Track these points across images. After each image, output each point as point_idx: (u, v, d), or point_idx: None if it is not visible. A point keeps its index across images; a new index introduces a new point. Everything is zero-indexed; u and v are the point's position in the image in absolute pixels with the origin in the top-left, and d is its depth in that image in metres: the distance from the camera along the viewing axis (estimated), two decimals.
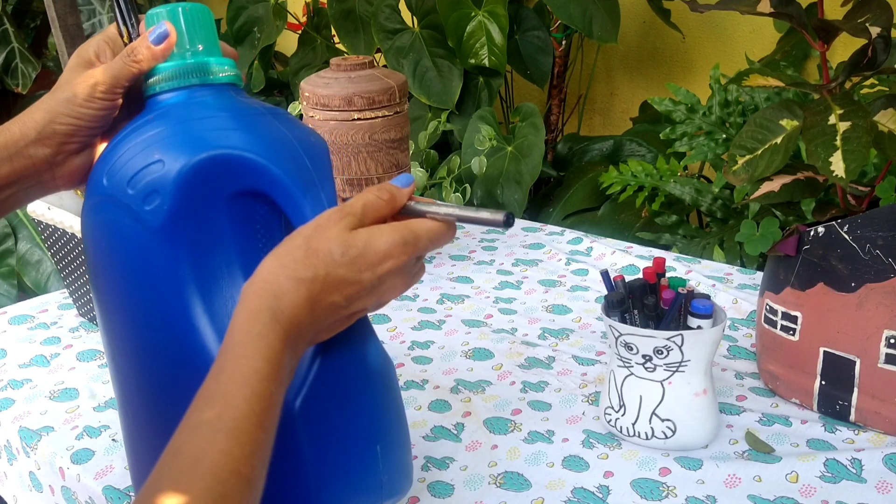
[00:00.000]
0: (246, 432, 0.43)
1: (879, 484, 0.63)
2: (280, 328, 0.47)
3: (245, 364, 0.45)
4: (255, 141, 0.51)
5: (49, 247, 0.98)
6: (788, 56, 1.81)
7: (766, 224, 1.17)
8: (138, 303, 0.53)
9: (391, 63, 2.05)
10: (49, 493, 0.76)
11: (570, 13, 1.84)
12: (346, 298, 0.50)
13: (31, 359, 0.91)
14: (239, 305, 0.48)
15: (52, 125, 0.53)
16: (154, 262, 0.51)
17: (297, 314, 0.47)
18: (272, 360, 0.46)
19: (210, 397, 0.44)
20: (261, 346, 0.46)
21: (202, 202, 0.51)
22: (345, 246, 0.49)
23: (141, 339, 0.54)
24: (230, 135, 0.51)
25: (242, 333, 0.46)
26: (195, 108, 0.53)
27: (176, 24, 0.54)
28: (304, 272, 0.48)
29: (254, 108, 0.54)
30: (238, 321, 0.47)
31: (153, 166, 0.50)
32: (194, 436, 0.43)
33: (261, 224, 0.53)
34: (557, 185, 2.02)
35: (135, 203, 0.51)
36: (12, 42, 2.56)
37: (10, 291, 1.92)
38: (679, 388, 0.66)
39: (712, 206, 1.52)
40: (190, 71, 0.54)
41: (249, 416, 0.43)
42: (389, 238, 0.50)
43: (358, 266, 0.49)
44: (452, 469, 0.68)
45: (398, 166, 1.07)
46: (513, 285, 1.05)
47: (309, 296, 0.48)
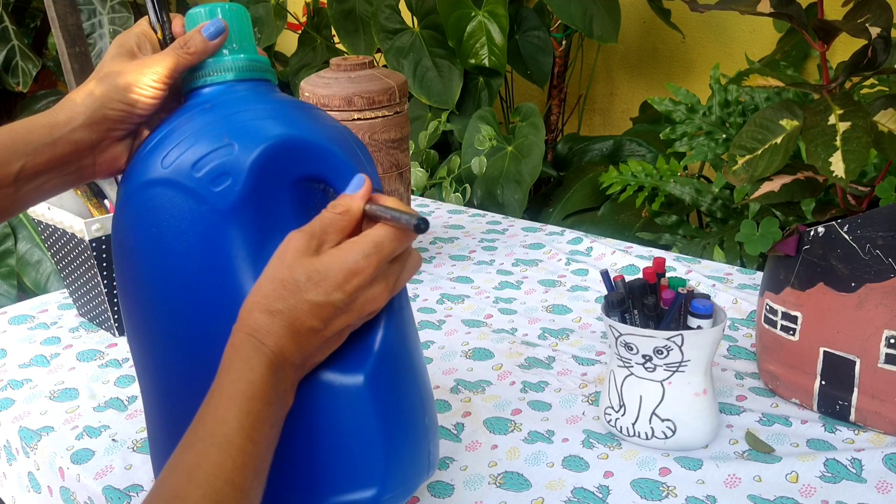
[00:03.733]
0: (236, 446, 0.46)
1: (879, 484, 0.63)
2: (263, 356, 0.49)
3: (231, 387, 0.48)
4: (318, 128, 0.54)
5: (49, 247, 0.98)
6: (788, 56, 1.81)
7: (766, 224, 1.17)
8: (195, 285, 0.53)
9: (391, 63, 2.05)
10: (48, 493, 0.76)
11: (571, 13, 1.84)
12: (323, 321, 0.51)
13: (31, 359, 0.91)
14: (227, 345, 0.51)
15: (103, 110, 0.54)
16: (220, 243, 0.52)
17: (279, 344, 0.50)
18: (256, 382, 0.48)
19: (203, 417, 0.47)
20: (244, 370, 0.48)
21: (271, 185, 0.53)
22: (308, 272, 0.50)
23: (193, 324, 0.54)
24: (295, 122, 0.54)
25: (228, 362, 0.49)
26: (242, 100, 0.55)
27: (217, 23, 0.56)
28: (275, 304, 0.50)
29: (296, 102, 0.57)
30: (226, 355, 0.50)
31: (223, 149, 0.52)
32: (190, 451, 0.46)
33: (315, 210, 0.54)
34: (557, 185, 2.02)
35: (201, 186, 0.52)
36: (12, 40, 2.56)
37: (10, 291, 1.92)
38: (679, 388, 0.66)
39: (712, 206, 1.52)
40: (231, 67, 0.56)
41: (239, 431, 0.46)
42: (349, 256, 0.50)
43: (325, 289, 0.50)
44: (452, 469, 0.68)
45: (398, 166, 1.07)
46: (513, 285, 1.05)
47: (286, 325, 0.50)
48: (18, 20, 2.72)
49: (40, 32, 2.81)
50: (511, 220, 1.32)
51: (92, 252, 0.87)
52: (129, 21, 2.59)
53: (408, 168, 1.09)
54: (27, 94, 2.65)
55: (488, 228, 1.28)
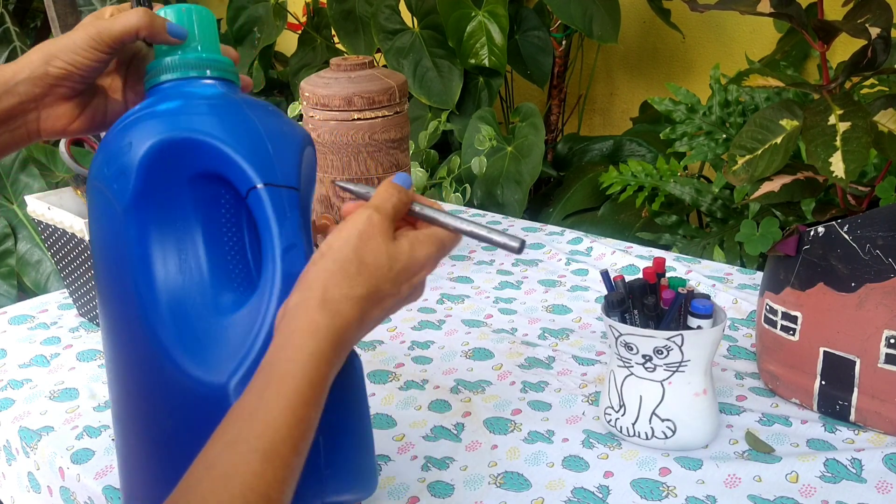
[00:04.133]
0: (281, 457, 0.42)
1: (879, 484, 0.63)
2: (332, 349, 0.46)
3: (292, 385, 0.44)
4: (216, 125, 0.53)
5: (49, 247, 0.98)
6: (788, 56, 1.81)
7: (766, 224, 1.17)
8: (110, 282, 0.55)
9: (391, 63, 2.05)
10: (47, 493, 0.76)
11: (571, 13, 1.84)
12: (385, 311, 0.50)
13: (31, 359, 0.91)
14: (291, 318, 0.47)
15: (45, 66, 0.55)
16: (124, 239, 0.53)
17: (349, 332, 0.47)
18: (318, 385, 0.45)
19: (251, 414, 0.43)
20: (309, 368, 0.45)
21: (165, 182, 0.53)
22: (392, 259, 0.49)
23: (112, 318, 0.55)
24: (193, 119, 0.53)
25: (295, 350, 0.45)
26: (180, 96, 0.55)
27: (180, 23, 0.57)
28: (359, 289, 0.48)
29: (234, 100, 0.55)
30: (292, 337, 0.46)
31: (124, 148, 0.53)
32: (230, 452, 0.42)
33: (226, 208, 0.54)
34: (557, 185, 2.02)
35: (108, 184, 0.53)
36: (14, 41, 2.56)
37: (10, 291, 1.92)
38: (679, 388, 0.66)
39: (712, 206, 1.52)
40: (186, 64, 0.56)
41: (287, 440, 0.43)
42: (427, 250, 0.50)
43: (400, 278, 0.49)
44: (452, 469, 0.68)
45: (398, 166, 1.07)
46: (513, 285, 1.05)
47: (361, 314, 0.48)
48: (20, 21, 2.72)
49: (41, 33, 2.81)
50: (511, 220, 1.32)
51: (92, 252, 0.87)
52: None
53: (408, 168, 1.10)
54: None
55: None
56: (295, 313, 0.47)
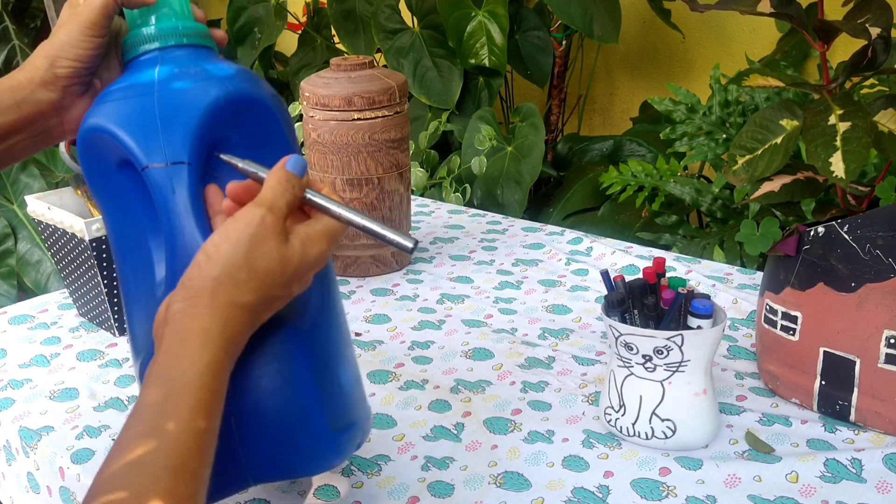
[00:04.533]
0: (192, 470, 0.41)
1: (879, 484, 0.63)
2: (228, 358, 0.46)
3: (194, 397, 0.43)
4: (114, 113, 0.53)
5: (49, 247, 0.98)
6: (788, 56, 1.81)
7: (766, 224, 1.17)
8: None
9: (391, 63, 2.05)
10: (46, 493, 0.76)
11: (571, 13, 1.84)
12: (274, 311, 0.50)
13: (31, 359, 0.91)
14: (180, 327, 0.45)
15: (53, 70, 0.54)
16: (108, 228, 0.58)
17: (241, 337, 0.47)
18: (217, 392, 0.44)
19: (155, 430, 0.42)
20: (209, 378, 0.44)
21: (100, 173, 0.55)
22: (285, 263, 0.48)
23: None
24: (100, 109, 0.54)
25: (191, 360, 0.44)
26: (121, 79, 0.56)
27: None
28: (248, 296, 0.47)
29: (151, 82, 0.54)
30: (184, 346, 0.45)
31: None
32: (139, 472, 0.40)
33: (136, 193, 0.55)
34: (557, 185, 2.02)
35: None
36: (13, 40, 2.56)
37: (10, 291, 1.92)
38: (679, 388, 0.66)
39: (712, 206, 1.52)
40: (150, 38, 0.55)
41: (195, 453, 0.42)
42: (320, 248, 0.50)
43: (290, 282, 0.49)
44: (452, 469, 0.68)
45: (398, 166, 1.07)
46: (513, 285, 1.05)
47: (252, 319, 0.48)
48: (18, 20, 2.72)
49: (41, 32, 2.81)
50: (511, 220, 1.32)
51: (92, 252, 0.87)
52: None
53: (408, 168, 1.10)
54: None
55: (488, 228, 1.28)
56: (182, 320, 0.46)
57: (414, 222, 1.32)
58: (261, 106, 0.56)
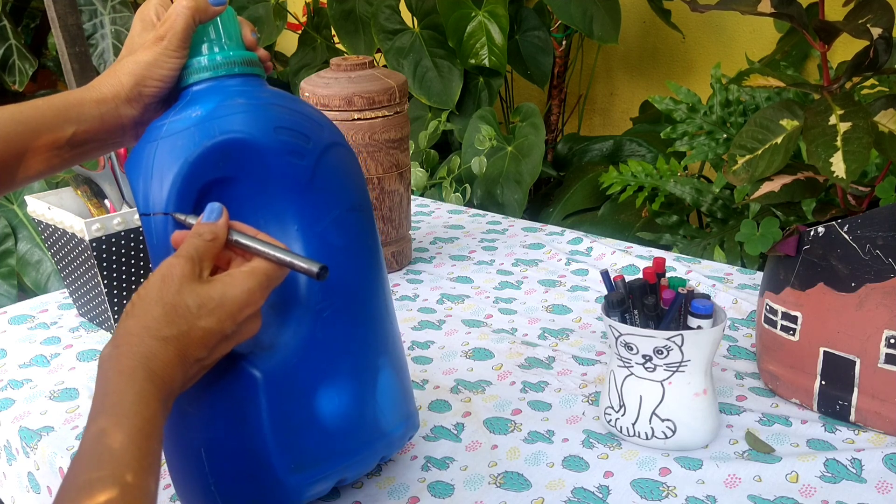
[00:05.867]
0: (138, 487, 0.43)
1: (879, 484, 0.63)
2: (155, 388, 0.47)
3: (128, 424, 0.45)
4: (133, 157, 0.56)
5: (49, 247, 0.98)
6: (788, 56, 1.81)
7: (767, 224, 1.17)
8: None
9: (391, 63, 2.05)
10: (47, 493, 0.76)
11: (571, 13, 1.84)
12: (209, 350, 0.51)
13: (31, 359, 0.91)
14: (107, 368, 0.47)
15: (139, 88, 0.57)
16: None
17: (169, 373, 0.48)
18: (152, 419, 0.46)
19: (99, 459, 0.43)
20: (140, 406, 0.46)
21: None
22: (201, 298, 0.50)
23: None
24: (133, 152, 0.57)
25: (119, 395, 0.46)
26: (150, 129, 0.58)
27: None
28: (167, 330, 0.49)
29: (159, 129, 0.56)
30: (111, 384, 0.47)
31: None
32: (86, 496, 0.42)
33: None
34: (557, 185, 2.02)
35: None
36: (10, 39, 2.56)
37: (10, 291, 1.92)
38: (679, 388, 0.66)
39: (712, 207, 1.52)
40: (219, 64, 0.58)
41: (139, 472, 0.44)
42: (245, 286, 0.51)
43: (218, 317, 0.50)
44: (452, 469, 0.68)
45: (398, 166, 1.07)
46: (513, 285, 1.05)
47: (177, 353, 0.49)
48: (17, 20, 2.72)
49: (40, 32, 2.81)
50: (511, 220, 1.32)
51: (92, 252, 0.87)
52: (130, 20, 2.59)
53: (408, 168, 1.09)
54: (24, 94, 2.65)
55: (488, 228, 1.28)
56: (109, 359, 0.48)
57: (414, 222, 1.32)
58: (257, 147, 0.56)
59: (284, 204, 0.57)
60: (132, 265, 0.91)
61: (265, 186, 0.56)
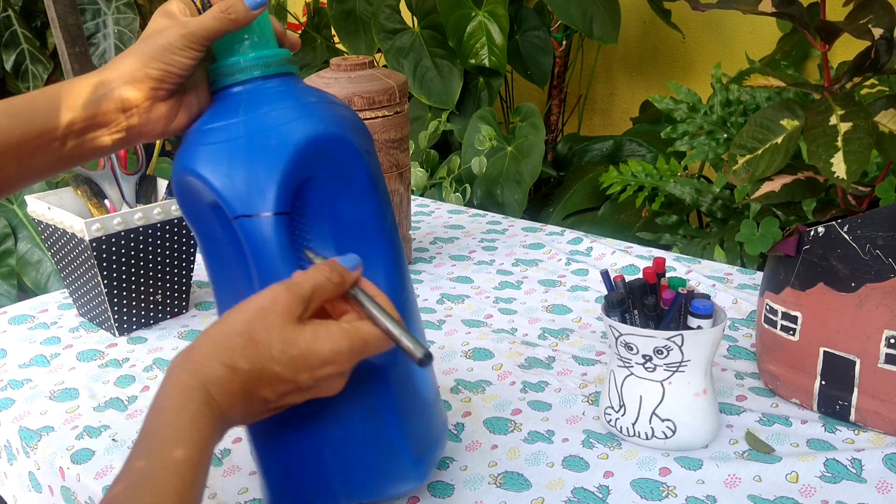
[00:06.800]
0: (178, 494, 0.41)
1: (879, 484, 0.63)
2: (212, 414, 0.45)
3: (177, 451, 0.43)
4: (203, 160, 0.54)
5: (49, 247, 0.98)
6: (788, 56, 1.81)
7: (767, 224, 1.17)
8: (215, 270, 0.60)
9: (391, 63, 2.05)
10: (48, 493, 0.76)
11: (571, 13, 1.84)
12: (278, 395, 0.49)
13: (31, 359, 0.91)
14: (168, 381, 0.46)
15: (145, 69, 0.54)
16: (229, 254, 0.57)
17: (228, 403, 0.46)
18: (203, 448, 0.44)
19: (139, 484, 0.41)
20: (192, 432, 0.44)
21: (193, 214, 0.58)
22: (286, 343, 0.47)
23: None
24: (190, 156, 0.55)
25: (173, 414, 0.44)
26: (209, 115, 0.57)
27: None
28: (240, 362, 0.47)
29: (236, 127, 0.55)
30: (168, 401, 0.45)
31: None
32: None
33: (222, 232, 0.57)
34: (557, 185, 2.02)
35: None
36: (22, 44, 2.56)
37: (10, 291, 1.92)
38: (679, 388, 0.66)
39: (713, 207, 1.52)
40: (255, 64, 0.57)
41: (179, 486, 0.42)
42: (336, 345, 0.48)
43: (296, 366, 0.48)
44: (452, 469, 0.68)
45: (398, 166, 1.07)
46: (513, 285, 1.05)
47: (243, 387, 0.47)
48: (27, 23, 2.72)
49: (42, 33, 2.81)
50: (511, 220, 1.32)
51: (92, 252, 0.87)
52: (134, 22, 2.59)
53: (408, 168, 1.09)
54: None
55: (488, 228, 1.28)
56: (173, 373, 0.46)
57: (414, 222, 1.32)
58: (342, 144, 0.56)
59: (361, 202, 0.57)
60: (132, 265, 0.91)
61: (347, 185, 0.57)
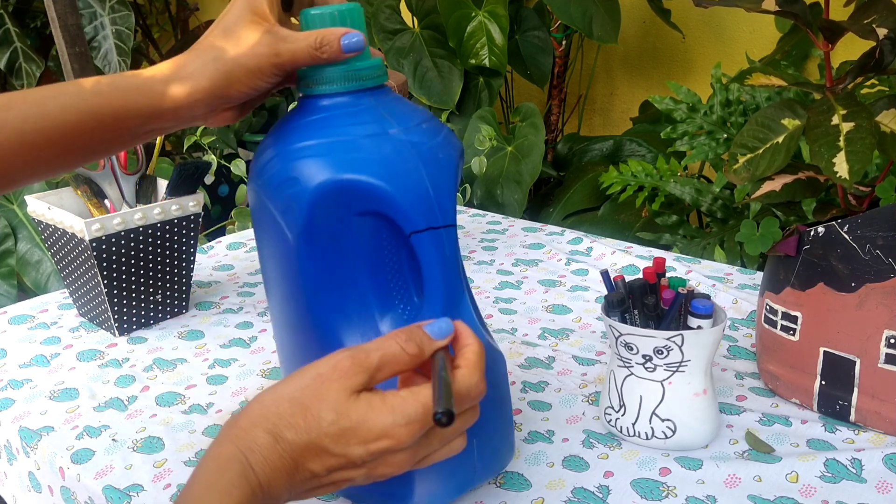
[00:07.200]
0: None
1: (879, 484, 0.63)
2: (248, 487, 0.42)
3: None
4: (380, 169, 0.53)
5: (49, 247, 0.98)
6: (789, 56, 1.81)
7: (767, 224, 1.17)
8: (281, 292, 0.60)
9: (391, 63, 2.05)
10: (48, 493, 0.76)
11: (571, 13, 1.84)
12: (328, 469, 0.44)
13: (31, 359, 0.91)
14: (211, 449, 0.43)
15: (228, 90, 0.53)
16: (295, 266, 0.57)
17: (270, 475, 0.43)
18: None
19: None
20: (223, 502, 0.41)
21: (332, 216, 0.55)
22: (337, 414, 0.43)
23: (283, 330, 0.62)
24: (358, 161, 0.53)
25: (204, 487, 0.41)
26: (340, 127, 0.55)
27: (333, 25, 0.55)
28: (286, 431, 0.43)
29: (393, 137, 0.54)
30: (204, 472, 0.42)
31: (290, 182, 0.54)
32: None
33: (386, 240, 0.56)
34: (557, 185, 2.02)
35: (277, 210, 0.56)
36: (15, 42, 2.56)
37: (10, 291, 1.92)
38: (679, 388, 0.66)
39: (713, 206, 1.52)
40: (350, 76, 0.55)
41: None
42: (389, 419, 0.43)
43: (346, 440, 0.43)
44: None
45: None
46: (513, 285, 1.05)
47: (287, 457, 0.43)
48: (20, 21, 2.72)
49: (41, 33, 2.81)
50: (511, 220, 1.32)
51: (92, 252, 0.87)
52: (129, 19, 2.59)
53: None
54: None
55: (488, 228, 1.28)
56: (216, 443, 0.44)
57: None
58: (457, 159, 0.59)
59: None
60: (132, 265, 0.91)
61: None
